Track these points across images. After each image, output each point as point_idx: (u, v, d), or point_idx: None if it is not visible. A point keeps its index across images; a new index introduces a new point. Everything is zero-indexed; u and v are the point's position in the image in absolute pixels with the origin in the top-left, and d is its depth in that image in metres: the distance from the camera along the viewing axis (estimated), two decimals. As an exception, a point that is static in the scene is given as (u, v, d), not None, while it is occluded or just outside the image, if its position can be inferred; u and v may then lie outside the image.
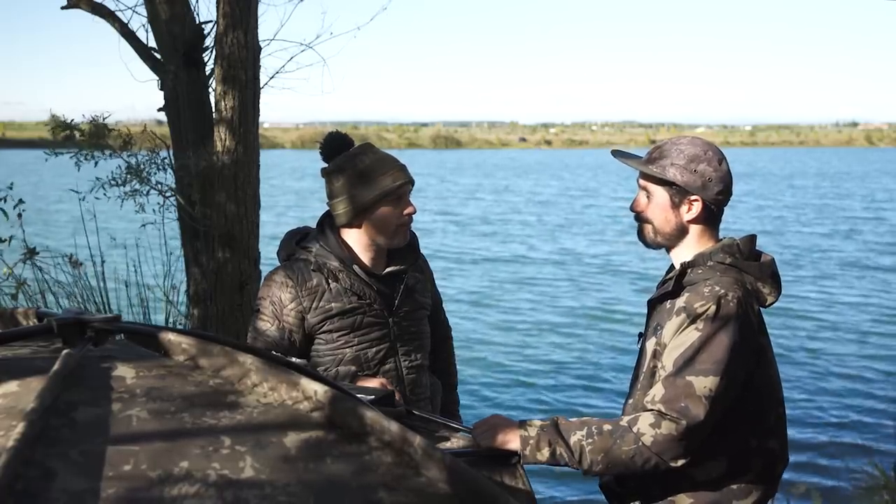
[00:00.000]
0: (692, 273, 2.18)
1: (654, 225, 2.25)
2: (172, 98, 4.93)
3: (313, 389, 1.22)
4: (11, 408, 1.10)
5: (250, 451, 1.10)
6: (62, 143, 4.96)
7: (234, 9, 4.34)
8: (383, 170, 2.57)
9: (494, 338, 10.74)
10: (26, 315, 1.51)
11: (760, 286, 2.19)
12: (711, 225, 2.25)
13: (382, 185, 2.55)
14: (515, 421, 2.12)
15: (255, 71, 4.59)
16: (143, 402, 1.15)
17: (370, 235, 2.62)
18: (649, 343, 2.23)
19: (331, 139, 2.67)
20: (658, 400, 2.04)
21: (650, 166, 2.23)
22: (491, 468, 1.98)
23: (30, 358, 1.28)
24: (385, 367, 2.64)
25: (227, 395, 1.21)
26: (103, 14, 4.98)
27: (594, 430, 2.05)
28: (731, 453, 2.15)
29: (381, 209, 2.58)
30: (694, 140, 2.25)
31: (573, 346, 10.44)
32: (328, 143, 2.67)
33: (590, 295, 13.53)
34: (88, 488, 0.99)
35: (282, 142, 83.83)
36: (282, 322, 2.59)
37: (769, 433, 2.20)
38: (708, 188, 2.19)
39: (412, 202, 2.63)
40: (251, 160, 4.58)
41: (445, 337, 3.01)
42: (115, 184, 4.85)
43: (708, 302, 2.08)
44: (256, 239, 4.72)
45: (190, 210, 4.77)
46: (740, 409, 2.12)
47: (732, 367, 2.05)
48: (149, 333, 1.34)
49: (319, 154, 2.68)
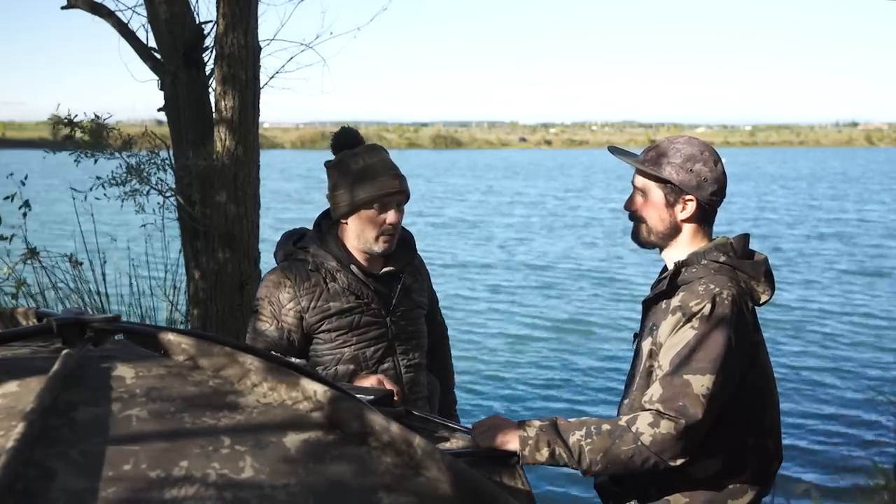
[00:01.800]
0: (686, 272, 2.19)
1: (649, 224, 2.26)
2: (172, 98, 4.93)
3: (313, 389, 1.22)
4: (11, 408, 1.10)
5: (250, 452, 1.10)
6: (62, 144, 4.96)
7: (234, 9, 4.34)
8: (374, 175, 2.57)
9: (491, 339, 10.76)
10: (26, 315, 1.52)
11: (754, 284, 2.19)
12: (705, 225, 2.26)
13: (367, 191, 2.56)
14: (514, 421, 2.12)
15: (255, 71, 4.59)
16: (142, 403, 1.15)
17: (356, 237, 2.63)
18: (645, 343, 2.23)
19: (341, 134, 2.70)
20: (656, 399, 2.04)
21: (646, 164, 2.23)
22: (490, 468, 1.98)
23: (30, 358, 1.28)
24: (383, 366, 2.65)
25: (227, 396, 1.21)
26: (103, 14, 4.98)
27: (593, 430, 2.05)
28: (728, 452, 2.15)
29: (363, 213, 2.58)
30: (691, 140, 2.26)
31: (569, 349, 10.44)
32: (338, 138, 2.70)
33: (588, 296, 13.54)
34: (88, 488, 0.99)
35: (282, 142, 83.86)
36: (280, 322, 2.60)
37: (765, 431, 2.21)
38: (703, 188, 2.20)
39: (400, 212, 2.62)
40: (251, 160, 4.58)
41: (442, 337, 3.01)
42: (115, 183, 4.85)
43: (703, 300, 2.08)
44: (256, 239, 4.72)
45: (190, 210, 4.77)
46: (736, 407, 2.12)
47: (728, 364, 2.06)
48: (148, 333, 1.34)
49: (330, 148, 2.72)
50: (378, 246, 2.62)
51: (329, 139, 2.74)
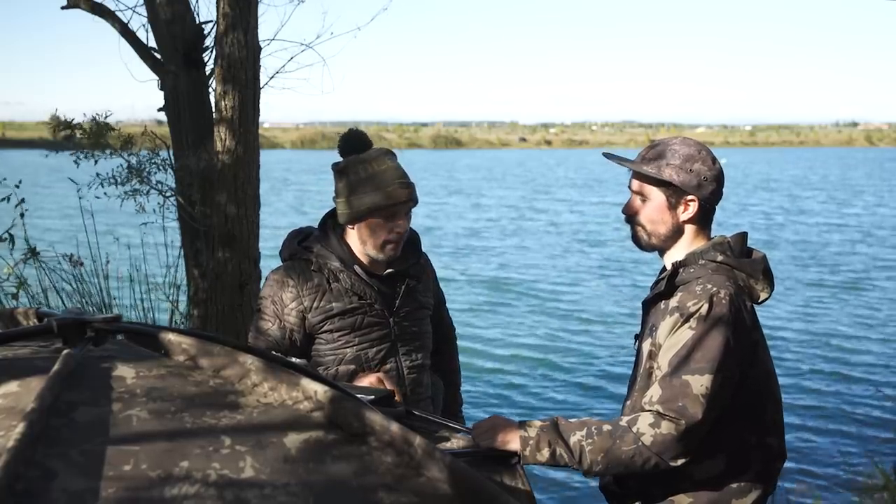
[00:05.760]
0: (684, 272, 2.19)
1: (649, 227, 2.25)
2: (172, 98, 4.93)
3: (313, 389, 1.22)
4: (11, 408, 1.10)
5: (250, 451, 1.10)
6: (62, 144, 4.96)
7: (234, 9, 4.34)
8: (383, 183, 2.53)
9: (492, 340, 10.75)
10: (26, 315, 1.52)
11: (753, 283, 2.19)
12: (705, 225, 2.26)
13: (376, 199, 2.53)
14: (515, 421, 2.12)
15: (255, 71, 4.59)
16: (143, 403, 1.15)
17: (362, 242, 2.62)
18: (645, 344, 2.23)
19: (349, 136, 2.65)
20: (656, 400, 2.04)
21: (645, 167, 2.22)
22: (491, 468, 1.97)
23: (30, 358, 1.28)
24: (386, 366, 2.64)
25: (228, 396, 1.21)
26: (103, 14, 4.98)
27: (594, 431, 2.05)
28: (731, 451, 2.15)
29: (371, 220, 2.56)
30: (686, 140, 2.26)
31: (570, 349, 10.44)
32: (345, 140, 2.64)
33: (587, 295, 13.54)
34: (88, 488, 0.99)
35: (282, 142, 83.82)
36: (283, 321, 2.60)
37: (767, 430, 2.20)
38: (703, 187, 2.19)
39: (407, 219, 2.60)
40: (251, 160, 4.58)
41: (448, 336, 2.99)
42: (115, 183, 4.85)
43: (700, 300, 2.08)
44: (256, 239, 4.72)
45: (190, 210, 4.77)
46: (738, 406, 2.12)
47: (727, 364, 2.05)
48: (149, 333, 1.34)
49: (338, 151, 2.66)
50: (383, 254, 2.60)
51: (330, 139, 2.73)
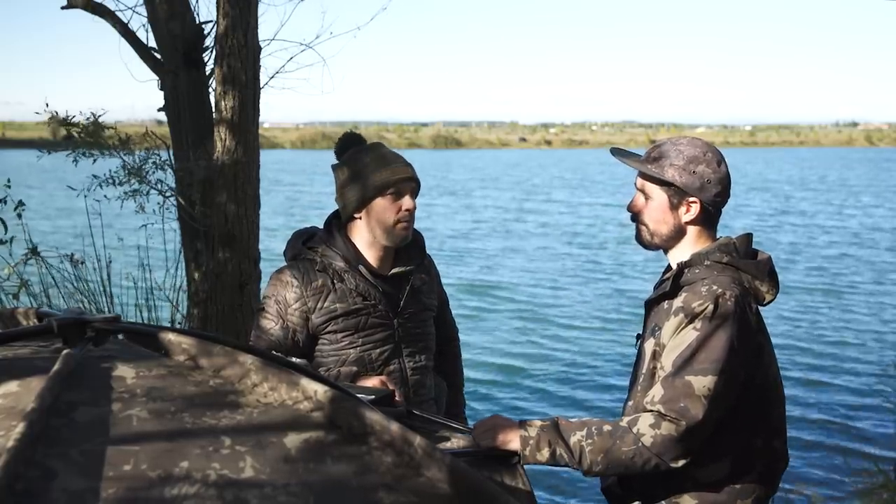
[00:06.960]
0: (689, 273, 2.18)
1: (652, 226, 2.25)
2: (172, 98, 4.93)
3: (313, 389, 1.22)
4: (11, 408, 1.10)
5: (250, 452, 1.10)
6: (60, 144, 4.96)
7: (234, 9, 4.34)
8: (385, 164, 2.60)
9: (491, 339, 10.76)
10: (27, 315, 1.52)
11: (758, 284, 2.19)
12: (709, 226, 2.24)
13: (381, 178, 2.58)
14: (515, 421, 2.12)
15: (255, 71, 4.59)
16: (143, 402, 1.15)
17: (371, 230, 2.62)
18: (648, 344, 2.22)
19: (345, 138, 2.74)
20: (657, 401, 2.04)
21: (649, 166, 2.22)
22: (491, 468, 1.97)
23: (30, 358, 1.28)
24: (389, 368, 2.64)
25: (228, 396, 1.21)
26: (103, 14, 4.98)
27: (594, 431, 2.05)
28: (735, 453, 2.14)
29: (378, 202, 2.59)
30: (693, 141, 2.24)
31: (571, 349, 10.44)
32: (341, 141, 2.74)
33: (587, 295, 13.54)
34: (88, 488, 0.99)
35: (282, 142, 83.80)
36: (286, 321, 2.60)
37: (773, 432, 2.20)
38: (706, 189, 2.18)
39: (413, 200, 2.63)
40: (251, 160, 4.58)
41: (451, 337, 3.00)
42: (114, 182, 4.85)
43: (705, 301, 2.08)
44: (256, 239, 4.72)
45: (190, 210, 4.77)
46: (743, 408, 2.12)
47: (731, 365, 2.05)
48: (149, 333, 1.34)
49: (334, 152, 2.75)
50: (396, 233, 2.61)
51: (330, 139, 2.77)
